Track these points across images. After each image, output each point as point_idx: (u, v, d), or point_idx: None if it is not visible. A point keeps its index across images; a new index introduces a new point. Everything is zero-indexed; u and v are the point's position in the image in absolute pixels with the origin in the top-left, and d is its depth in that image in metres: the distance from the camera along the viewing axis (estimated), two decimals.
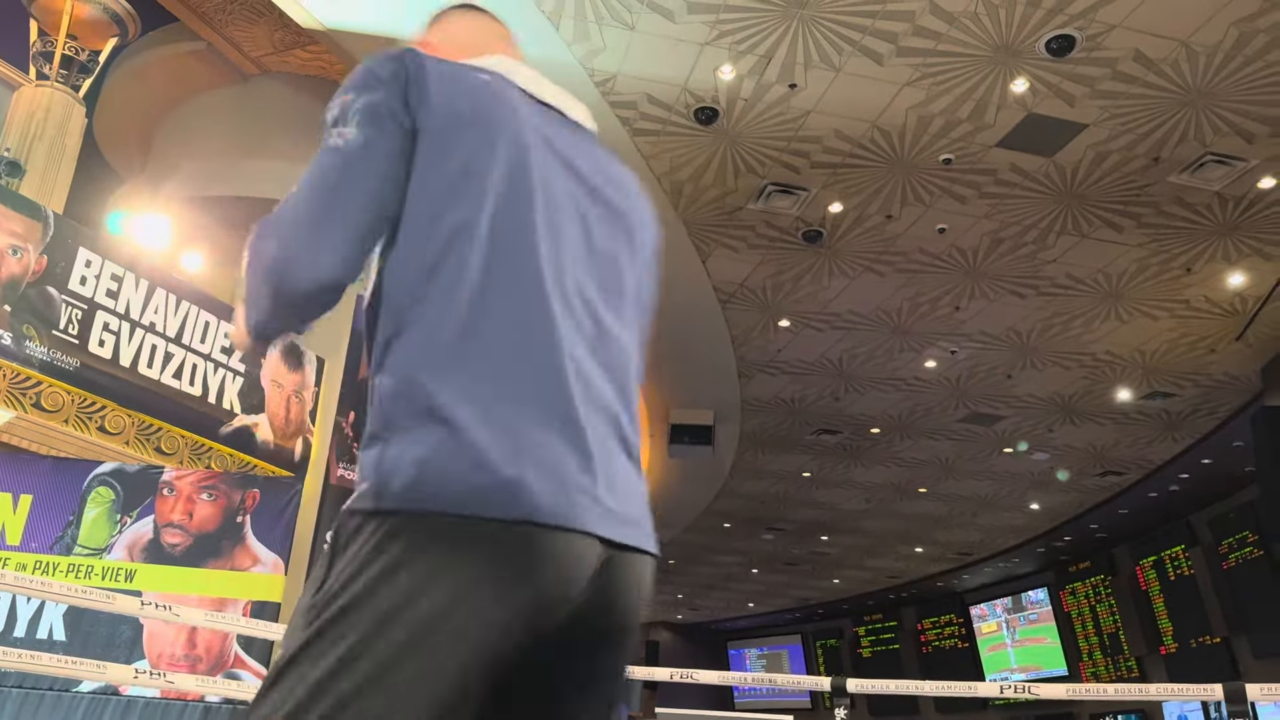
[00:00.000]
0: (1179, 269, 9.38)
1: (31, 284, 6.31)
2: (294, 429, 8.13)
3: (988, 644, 20.92)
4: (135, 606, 4.22)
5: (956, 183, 8.37)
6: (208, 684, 5.57)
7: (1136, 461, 14.02)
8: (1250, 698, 3.70)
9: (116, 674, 4.63)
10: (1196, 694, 4.07)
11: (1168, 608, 15.98)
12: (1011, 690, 4.45)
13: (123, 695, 6.09)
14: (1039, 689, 4.63)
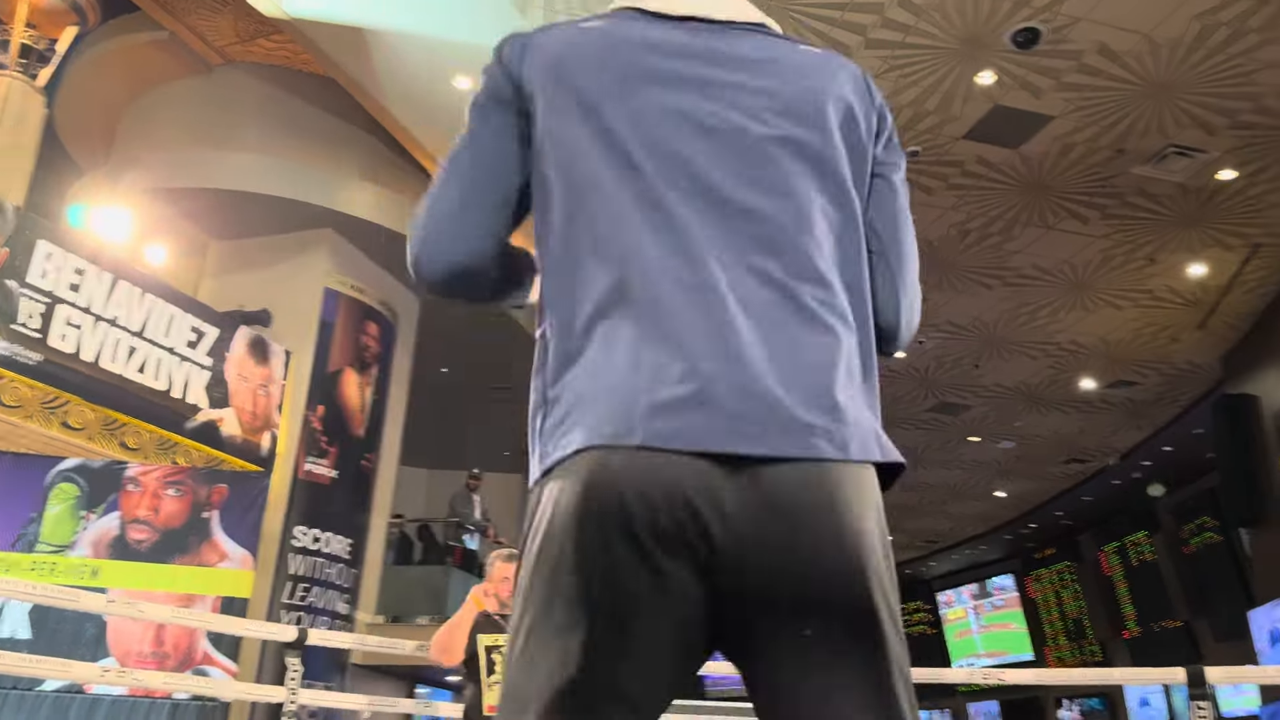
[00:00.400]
0: (1143, 259, 9.50)
1: None
2: (261, 423, 8.05)
3: (955, 630, 21.15)
4: (101, 604, 4.16)
5: (924, 174, 8.42)
6: (175, 681, 5.53)
7: (1101, 449, 14.21)
8: (1210, 680, 3.77)
9: (82, 673, 4.57)
10: (1158, 677, 4.14)
11: (1130, 593, 16.23)
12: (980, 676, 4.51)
13: (88, 694, 6.02)
14: (1006, 674, 4.70)
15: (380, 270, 9.42)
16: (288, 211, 8.53)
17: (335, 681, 7.90)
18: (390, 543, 10.13)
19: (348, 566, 8.33)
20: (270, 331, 8.37)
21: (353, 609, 8.44)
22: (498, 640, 4.14)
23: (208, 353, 7.70)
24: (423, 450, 12.62)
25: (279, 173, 8.45)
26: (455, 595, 10.06)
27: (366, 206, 8.76)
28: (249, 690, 5.30)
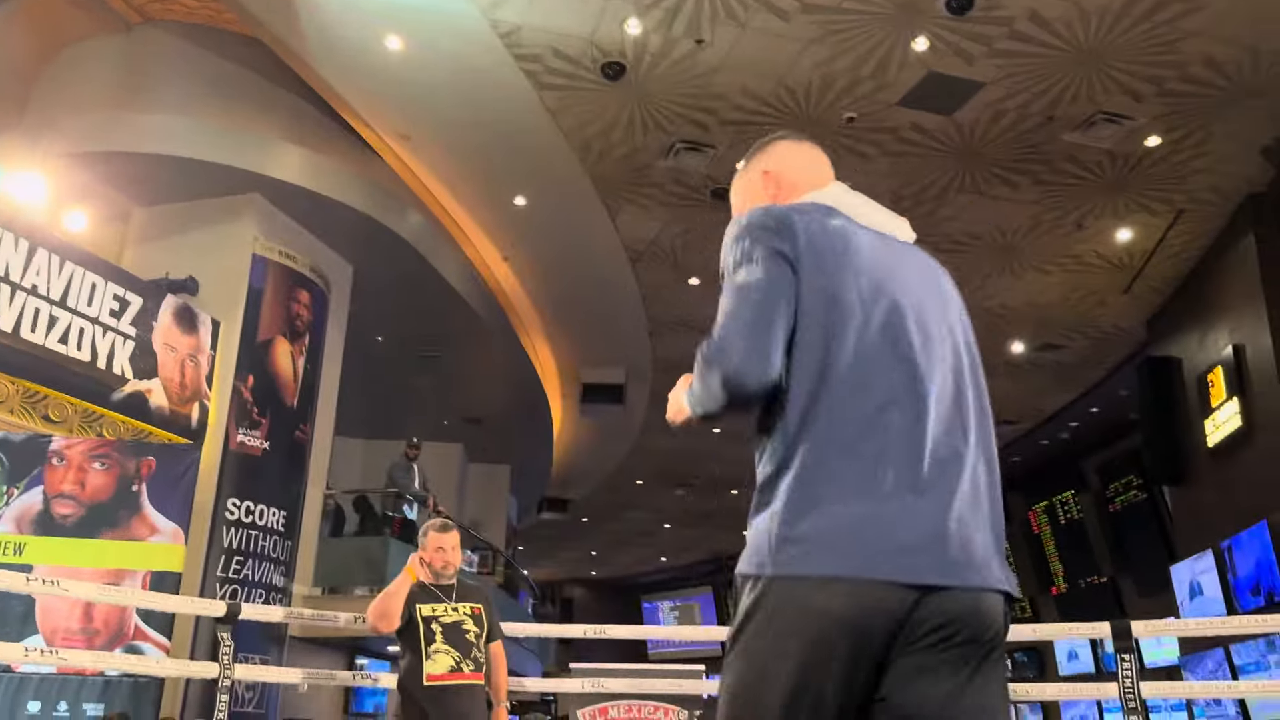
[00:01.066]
0: (1071, 225, 9.69)
1: None
2: (189, 394, 7.86)
3: None
4: (20, 582, 4.03)
5: (860, 141, 8.47)
6: (105, 659, 5.40)
7: (1029, 411, 14.55)
8: (1135, 634, 3.90)
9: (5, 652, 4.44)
10: (1085, 632, 4.27)
11: (1058, 550, 16.72)
12: None
13: (16, 672, 5.86)
14: None
15: (310, 236, 9.22)
16: (212, 176, 8.28)
17: (272, 655, 7.81)
18: (326, 514, 10.01)
19: (282, 539, 8.21)
20: (197, 300, 8.15)
21: (288, 581, 8.33)
22: (435, 610, 4.12)
23: (132, 322, 7.47)
24: (358, 420, 12.45)
25: (202, 136, 8.20)
26: (395, 566, 9.98)
27: (294, 170, 8.54)
28: (182, 667, 5.21)
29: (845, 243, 1.61)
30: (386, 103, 8.36)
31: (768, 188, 1.82)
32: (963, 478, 1.55)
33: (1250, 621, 4.48)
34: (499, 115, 8.30)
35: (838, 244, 1.60)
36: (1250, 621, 4.48)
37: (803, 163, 1.83)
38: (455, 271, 10.31)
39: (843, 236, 1.61)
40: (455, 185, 9.67)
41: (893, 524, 1.45)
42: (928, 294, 1.68)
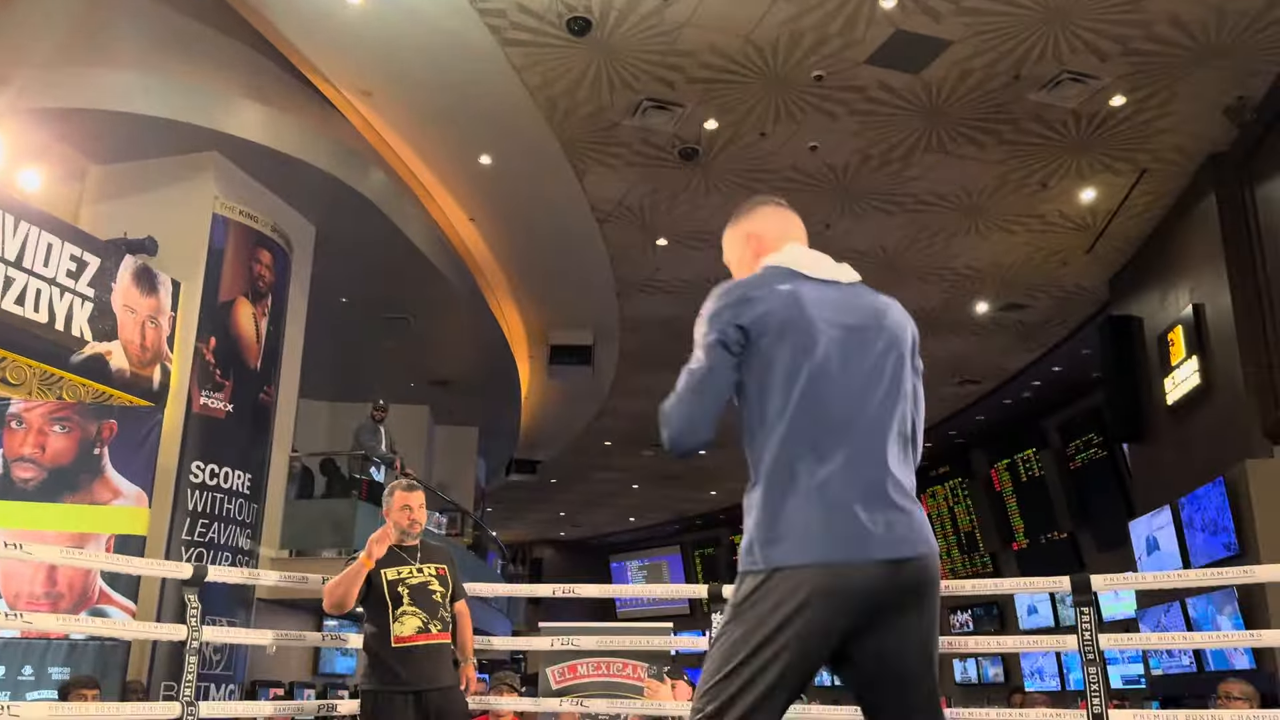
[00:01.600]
0: (1035, 185, 9.75)
1: None
2: (151, 356, 7.74)
3: None
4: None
5: (827, 100, 8.44)
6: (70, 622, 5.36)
7: (993, 370, 14.73)
8: (1094, 588, 3.97)
9: None
10: (1046, 586, 4.34)
11: (1020, 506, 17.02)
12: None
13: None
14: None
15: (271, 195, 9.06)
16: (170, 133, 8.09)
17: (239, 617, 7.79)
18: (292, 477, 9.95)
19: (248, 502, 8.15)
20: (157, 260, 8.00)
21: (255, 544, 8.29)
22: (401, 572, 4.12)
23: (90, 283, 7.32)
24: (324, 383, 12.35)
25: (160, 92, 8.00)
26: (362, 528, 9.97)
27: (254, 127, 8.37)
28: (149, 629, 5.17)
29: (796, 299, 2.09)
30: (347, 58, 8.21)
31: (750, 245, 2.36)
32: (889, 481, 2.04)
33: (1205, 575, 4.59)
34: (463, 72, 8.18)
35: (790, 301, 2.08)
36: (1205, 575, 4.59)
37: (777, 226, 2.38)
38: (420, 232, 10.20)
39: (794, 295, 2.09)
40: (419, 144, 9.53)
41: (846, 520, 1.97)
42: (871, 327, 2.16)
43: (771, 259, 2.25)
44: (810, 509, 1.96)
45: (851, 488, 1.99)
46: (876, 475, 2.03)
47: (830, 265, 2.25)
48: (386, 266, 10.33)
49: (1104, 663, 3.91)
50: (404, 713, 3.91)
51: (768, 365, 2.05)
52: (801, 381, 2.02)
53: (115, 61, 8.05)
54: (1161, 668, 10.09)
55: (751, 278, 2.20)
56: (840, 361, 2.06)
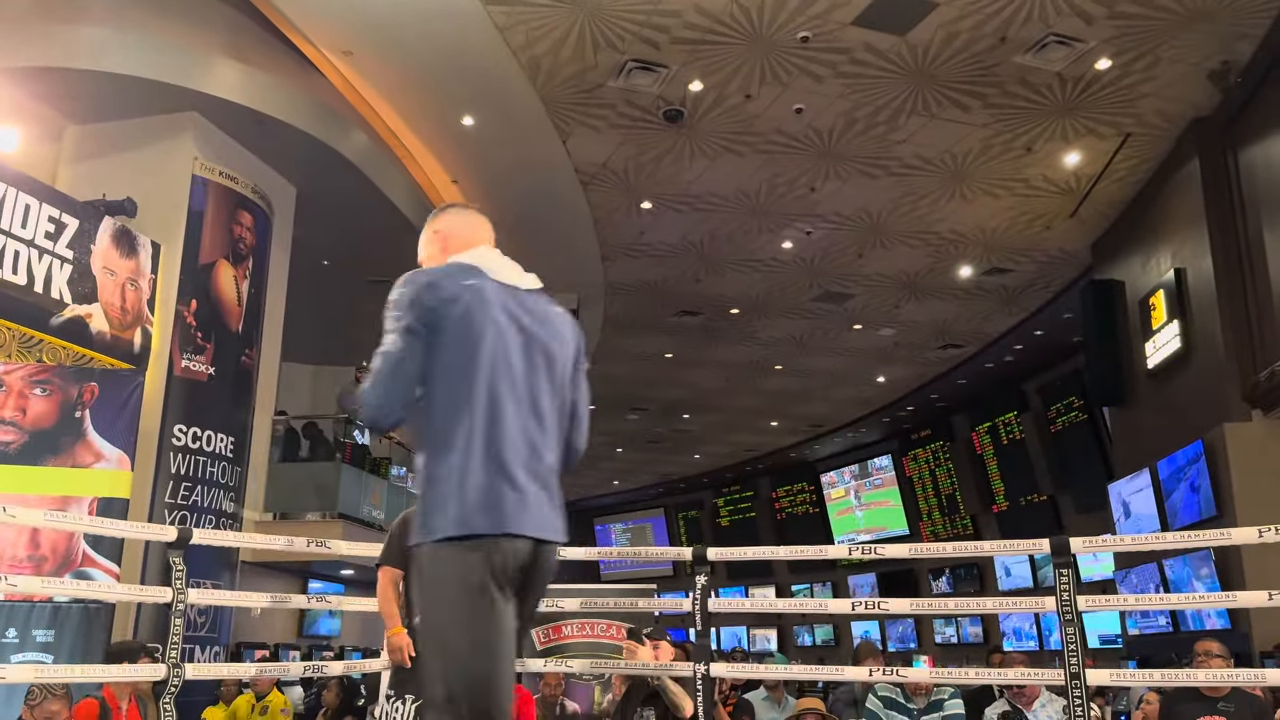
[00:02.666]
0: (1020, 149, 9.74)
1: None
2: (131, 319, 7.68)
3: (836, 509, 22.11)
4: None
5: (813, 62, 8.39)
6: (54, 585, 5.36)
7: (975, 334, 14.80)
8: (1073, 550, 4.03)
9: None
10: (1026, 548, 4.40)
11: (1000, 470, 17.19)
12: (858, 551, 4.71)
13: None
14: (883, 549, 4.93)
15: (252, 156, 8.95)
16: (148, 93, 7.97)
17: (224, 579, 7.80)
18: (276, 439, 9.93)
19: (231, 465, 8.13)
20: (136, 222, 7.91)
21: (239, 507, 8.29)
22: None
23: (69, 245, 7.24)
24: (307, 346, 12.28)
25: (137, 50, 7.86)
26: (346, 491, 9.98)
27: (233, 87, 8.25)
28: (134, 592, 5.18)
29: (480, 293, 2.27)
30: (327, 17, 8.08)
31: (438, 242, 2.53)
32: (542, 464, 2.29)
33: (1182, 537, 4.65)
34: (445, 31, 8.07)
35: (475, 294, 2.26)
36: (1182, 537, 4.65)
37: (466, 228, 2.56)
38: (403, 194, 10.11)
39: (478, 290, 2.28)
40: (401, 104, 9.42)
41: (501, 497, 2.18)
42: (543, 330, 2.37)
43: (458, 256, 2.42)
44: (473, 486, 2.15)
45: (511, 469, 2.19)
46: (534, 462, 2.26)
47: (515, 271, 2.43)
48: (368, 229, 10.25)
49: (1082, 623, 3.97)
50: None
51: (450, 351, 2.22)
52: (481, 369, 2.21)
53: (92, 19, 7.90)
54: (1138, 628, 10.26)
55: (439, 268, 2.36)
56: (515, 355, 2.27)
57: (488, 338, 2.25)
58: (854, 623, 21.07)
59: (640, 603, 5.43)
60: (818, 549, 5.08)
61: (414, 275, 2.31)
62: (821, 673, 6.73)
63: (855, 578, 21.45)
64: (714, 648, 5.23)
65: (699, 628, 4.52)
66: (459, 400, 2.20)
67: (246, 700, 7.01)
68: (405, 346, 2.23)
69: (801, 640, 22.57)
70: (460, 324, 2.23)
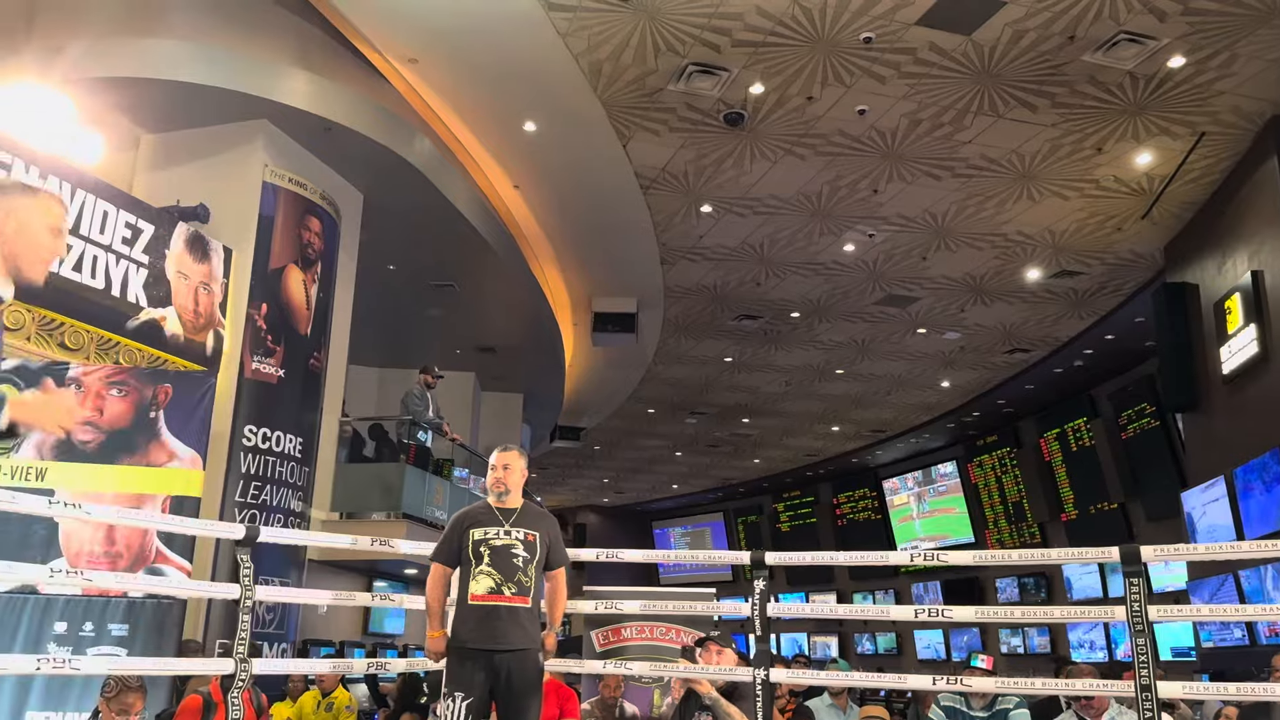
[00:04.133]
0: (1090, 149, 9.54)
1: None
2: (204, 322, 7.88)
3: (899, 515, 21.84)
4: (42, 506, 4.10)
5: (876, 62, 8.31)
6: (128, 580, 5.51)
7: (1043, 339, 14.51)
8: (1144, 558, 3.92)
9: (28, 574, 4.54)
10: (1095, 556, 4.30)
11: (1069, 477, 16.81)
12: (921, 557, 4.64)
13: (42, 594, 6.00)
14: (947, 555, 4.86)
15: (320, 163, 9.14)
16: (221, 102, 8.18)
17: (291, 578, 7.96)
18: (343, 440, 10.11)
19: (299, 465, 8.30)
20: (208, 228, 8.12)
21: (306, 506, 8.46)
22: (487, 534, 4.19)
23: (145, 250, 7.46)
24: (372, 349, 12.51)
25: (210, 60, 8.08)
26: (410, 491, 10.12)
27: (302, 95, 8.43)
28: (204, 588, 5.31)
29: None
30: (393, 25, 8.22)
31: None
32: None
33: (1259, 547, 4.50)
34: (508, 38, 8.16)
35: None
36: (1259, 547, 4.50)
37: None
38: (466, 199, 10.24)
39: None
40: (464, 111, 9.54)
41: None
42: None
43: None
44: None
45: None
46: None
47: None
48: (433, 234, 10.40)
49: (1153, 634, 3.87)
50: (473, 669, 3.99)
51: None
52: None
53: (167, 31, 8.14)
54: (1213, 640, 9.95)
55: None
56: None
57: None
58: (917, 631, 20.79)
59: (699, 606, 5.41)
60: (879, 554, 5.03)
61: None
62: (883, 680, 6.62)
63: (919, 585, 21.16)
64: (773, 653, 5.20)
65: (758, 632, 4.50)
66: None
67: (312, 696, 7.14)
68: None
69: (863, 648, 22.31)
70: None
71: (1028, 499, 18.08)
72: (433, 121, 9.68)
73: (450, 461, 11.69)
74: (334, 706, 7.11)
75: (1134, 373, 14.89)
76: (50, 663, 3.95)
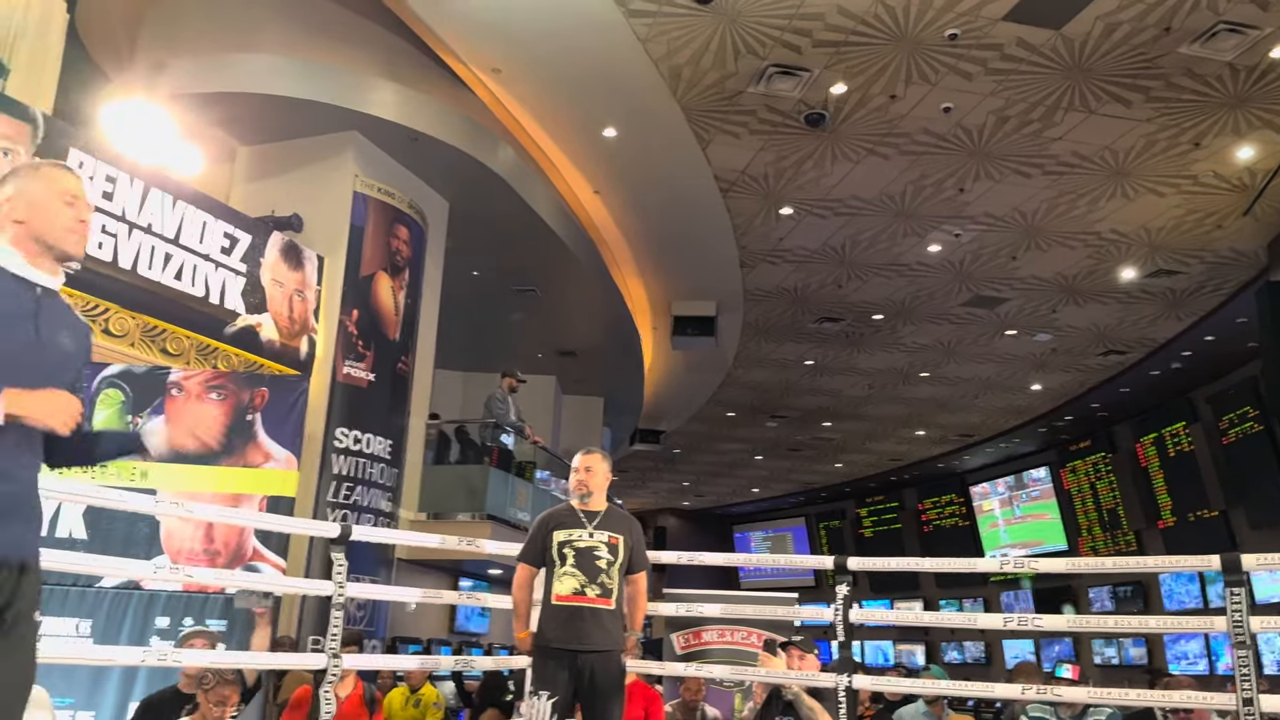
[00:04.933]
0: (1187, 144, 9.22)
1: None
2: (298, 328, 8.13)
3: (988, 522, 21.35)
4: (149, 505, 4.29)
5: (962, 59, 8.16)
6: (226, 577, 5.71)
7: (1139, 340, 14.05)
8: (1246, 567, 3.78)
9: (135, 570, 4.73)
10: (1194, 564, 4.15)
11: (1167, 483, 16.24)
12: (1011, 565, 4.54)
13: (145, 590, 6.25)
14: (1039, 563, 4.73)
15: (407, 173, 9.36)
16: (313, 114, 8.44)
17: (381, 576, 8.15)
18: (429, 443, 10.32)
19: (388, 466, 8.51)
20: (302, 237, 8.39)
21: (395, 506, 8.65)
22: (571, 535, 4.25)
23: (242, 259, 7.74)
24: (457, 353, 12.74)
25: (303, 74, 8.35)
26: (494, 493, 10.28)
27: (390, 107, 8.65)
28: (298, 584, 5.48)
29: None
30: (478, 36, 8.37)
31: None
32: None
33: None
34: (588, 45, 8.24)
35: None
36: None
37: None
38: (547, 205, 10.36)
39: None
40: (545, 119, 9.66)
41: None
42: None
43: None
44: None
45: None
46: None
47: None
48: (515, 240, 10.55)
49: (1256, 646, 3.72)
50: (557, 669, 4.05)
51: None
52: None
53: (263, 47, 8.43)
54: None
55: None
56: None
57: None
58: (1006, 641, 20.29)
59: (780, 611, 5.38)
60: (967, 561, 4.93)
61: None
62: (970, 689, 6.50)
63: (1008, 594, 20.66)
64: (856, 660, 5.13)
65: (841, 639, 4.46)
66: None
67: (401, 693, 7.31)
68: None
69: (949, 657, 21.87)
70: None
71: (1123, 505, 17.52)
72: (515, 129, 9.82)
73: (532, 464, 11.84)
74: (422, 703, 7.26)
75: (1235, 375, 14.32)
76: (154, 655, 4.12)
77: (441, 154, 9.07)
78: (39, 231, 2.25)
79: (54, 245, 2.28)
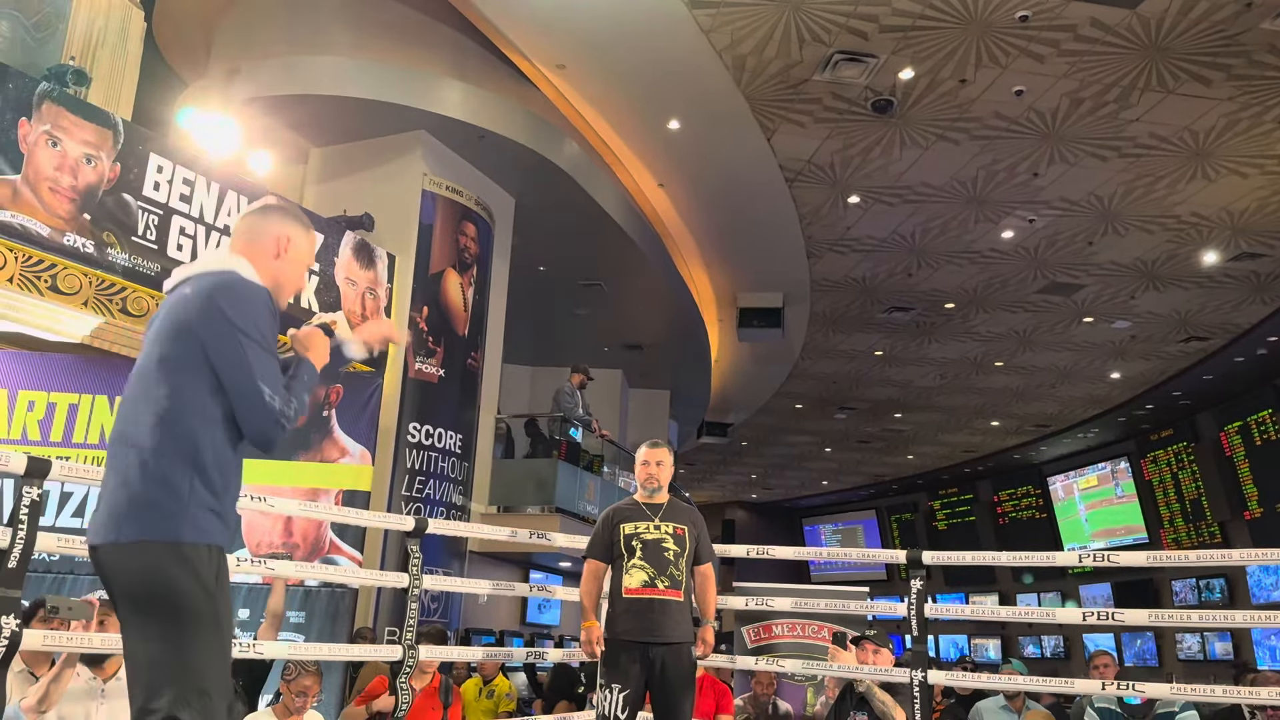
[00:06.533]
0: (1271, 122, 8.88)
1: (108, 191, 6.45)
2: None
3: (1065, 514, 20.88)
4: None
5: (1034, 41, 7.98)
6: (305, 569, 5.86)
7: (1222, 326, 13.60)
8: None
9: None
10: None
11: (1253, 472, 15.71)
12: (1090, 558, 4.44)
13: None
14: (1119, 556, 4.61)
15: (474, 170, 9.47)
16: (382, 115, 8.59)
17: (454, 568, 8.28)
18: (498, 437, 10.45)
19: (459, 460, 8.63)
20: (373, 235, 8.54)
21: (466, 500, 8.78)
22: (638, 528, 4.28)
23: (315, 258, 7.91)
24: (524, 348, 12.85)
25: (372, 76, 8.49)
26: (563, 486, 10.36)
27: (457, 106, 8.75)
28: (375, 576, 5.60)
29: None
30: (543, 33, 8.42)
31: (280, 246, 2.53)
32: (111, 458, 2.22)
33: None
34: (652, 38, 8.24)
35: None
36: None
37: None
38: (612, 200, 10.40)
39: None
40: (610, 113, 9.69)
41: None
42: (159, 318, 2.33)
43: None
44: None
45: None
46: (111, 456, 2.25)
47: (185, 269, 2.49)
48: (581, 235, 10.61)
49: None
50: (628, 661, 4.07)
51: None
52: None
53: (333, 49, 8.60)
54: None
55: (265, 290, 2.40)
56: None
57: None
58: (1085, 636, 19.85)
59: (852, 605, 5.33)
60: (1044, 555, 4.83)
61: (257, 290, 2.45)
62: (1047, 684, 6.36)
63: (1088, 588, 20.20)
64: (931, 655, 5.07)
65: (914, 633, 4.41)
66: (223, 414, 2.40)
67: (474, 683, 7.41)
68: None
69: (1027, 651, 21.46)
70: None
71: (1207, 496, 16.99)
72: (579, 125, 9.87)
73: (600, 458, 11.91)
74: (495, 694, 7.36)
75: None
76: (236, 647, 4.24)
77: (508, 151, 9.16)
78: (282, 281, 2.50)
79: (276, 291, 2.48)
